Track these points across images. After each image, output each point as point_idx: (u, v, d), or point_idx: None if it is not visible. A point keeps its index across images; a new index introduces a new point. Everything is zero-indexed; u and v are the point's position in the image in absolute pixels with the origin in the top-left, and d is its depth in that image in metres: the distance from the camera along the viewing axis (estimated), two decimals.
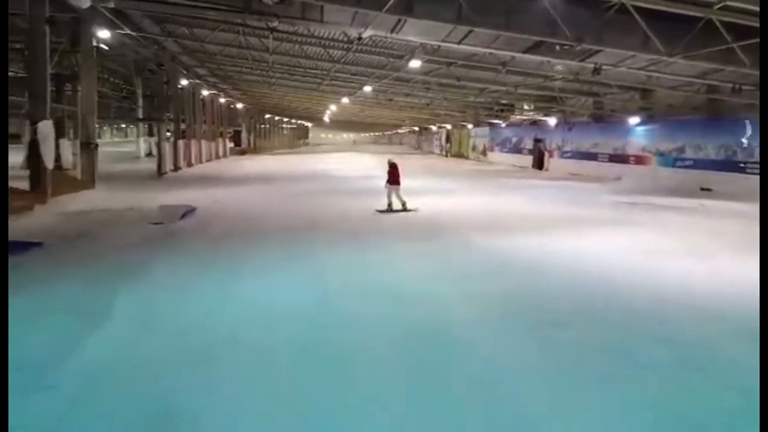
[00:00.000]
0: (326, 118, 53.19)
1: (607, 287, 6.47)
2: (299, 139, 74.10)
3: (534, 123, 30.33)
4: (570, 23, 10.57)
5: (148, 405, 3.57)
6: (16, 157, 14.67)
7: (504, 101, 28.06)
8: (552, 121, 27.75)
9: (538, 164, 29.41)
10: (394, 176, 12.53)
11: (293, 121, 65.39)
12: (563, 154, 27.78)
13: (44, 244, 8.18)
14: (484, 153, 38.07)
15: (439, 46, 14.39)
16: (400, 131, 71.25)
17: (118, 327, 5.00)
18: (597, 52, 12.51)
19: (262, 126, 53.49)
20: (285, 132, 66.48)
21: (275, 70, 23.05)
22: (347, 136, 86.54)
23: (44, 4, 12.44)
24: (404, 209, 12.25)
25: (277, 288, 6.33)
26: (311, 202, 14.14)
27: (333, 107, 39.64)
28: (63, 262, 7.41)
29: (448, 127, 44.50)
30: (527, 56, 13.32)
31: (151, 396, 3.69)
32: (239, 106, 41.50)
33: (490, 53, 14.62)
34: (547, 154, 28.94)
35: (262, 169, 26.70)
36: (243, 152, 42.74)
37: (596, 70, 13.46)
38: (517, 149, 32.73)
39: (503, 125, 33.88)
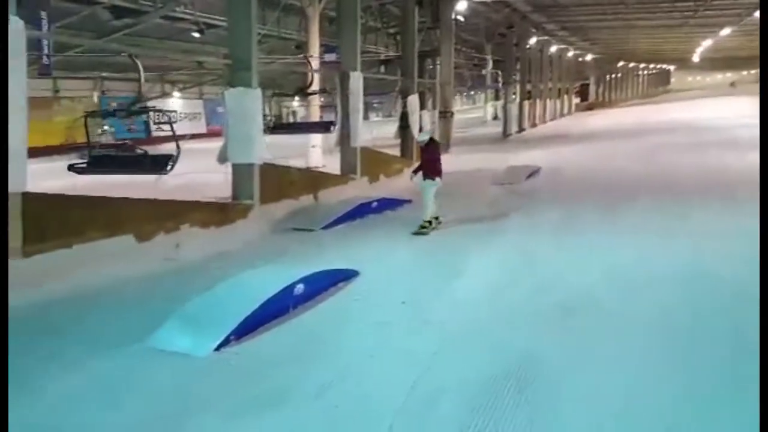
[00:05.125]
0: (695, 58, 45.79)
1: None
2: (658, 86, 66.17)
3: None
4: None
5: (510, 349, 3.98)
6: (391, 128, 17.89)
7: None
8: None
9: None
10: (430, 162, 7.69)
11: (651, 66, 58.79)
12: None
13: (412, 201, 9.85)
14: None
15: None
16: None
17: (480, 275, 5.69)
18: None
19: (613, 76, 49.99)
20: (640, 80, 60.48)
21: (634, 10, 21.14)
22: (722, 77, 72.52)
23: None
24: (426, 227, 7.53)
25: (640, 256, 6.05)
26: (668, 160, 12.76)
27: (705, 43, 33.85)
28: None
29: None
30: None
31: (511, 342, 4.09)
32: (588, 57, 39.83)
33: None
34: None
35: (608, 125, 25.24)
36: (590, 107, 41.02)
37: None
38: None
39: None
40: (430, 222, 7.61)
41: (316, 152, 14.96)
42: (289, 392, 3.46)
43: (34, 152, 5.67)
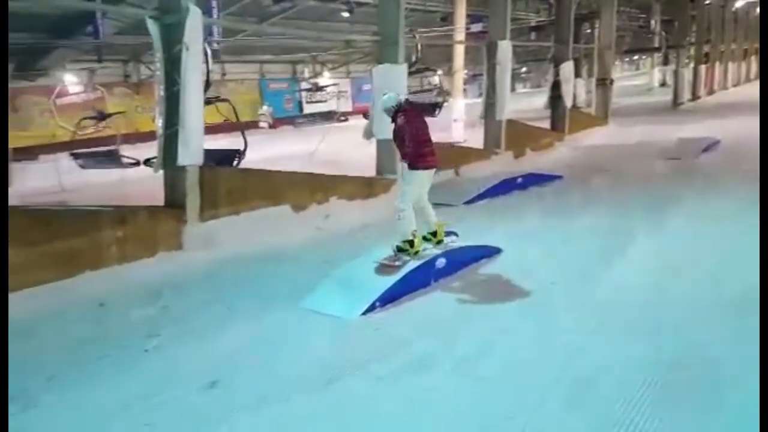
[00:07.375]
0: None
1: None
2: None
3: None
4: None
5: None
6: (539, 99, 17.14)
7: None
8: None
9: None
10: (403, 141, 5.04)
11: None
12: None
13: (564, 177, 9.40)
14: None
15: None
16: None
17: (639, 259, 5.33)
18: None
19: None
20: None
21: None
22: None
23: None
24: (404, 249, 4.95)
25: None
26: None
27: None
28: (581, 192, 8.47)
29: None
30: None
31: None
32: None
33: None
34: None
35: None
36: None
37: None
38: None
39: None
40: (411, 243, 4.93)
41: (458, 126, 14.90)
42: (434, 361, 3.58)
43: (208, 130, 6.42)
